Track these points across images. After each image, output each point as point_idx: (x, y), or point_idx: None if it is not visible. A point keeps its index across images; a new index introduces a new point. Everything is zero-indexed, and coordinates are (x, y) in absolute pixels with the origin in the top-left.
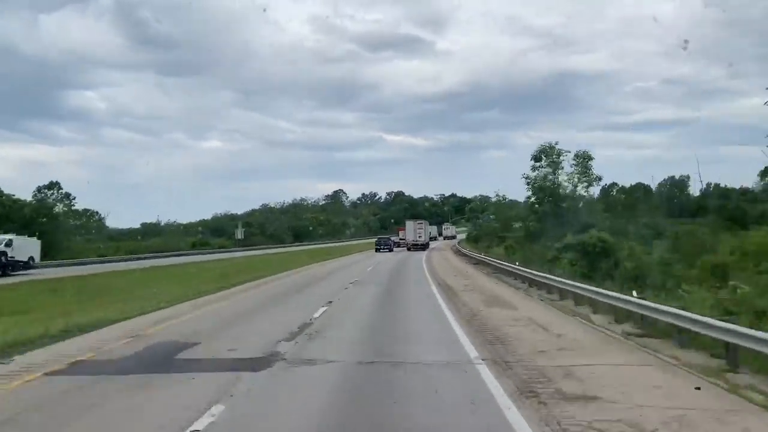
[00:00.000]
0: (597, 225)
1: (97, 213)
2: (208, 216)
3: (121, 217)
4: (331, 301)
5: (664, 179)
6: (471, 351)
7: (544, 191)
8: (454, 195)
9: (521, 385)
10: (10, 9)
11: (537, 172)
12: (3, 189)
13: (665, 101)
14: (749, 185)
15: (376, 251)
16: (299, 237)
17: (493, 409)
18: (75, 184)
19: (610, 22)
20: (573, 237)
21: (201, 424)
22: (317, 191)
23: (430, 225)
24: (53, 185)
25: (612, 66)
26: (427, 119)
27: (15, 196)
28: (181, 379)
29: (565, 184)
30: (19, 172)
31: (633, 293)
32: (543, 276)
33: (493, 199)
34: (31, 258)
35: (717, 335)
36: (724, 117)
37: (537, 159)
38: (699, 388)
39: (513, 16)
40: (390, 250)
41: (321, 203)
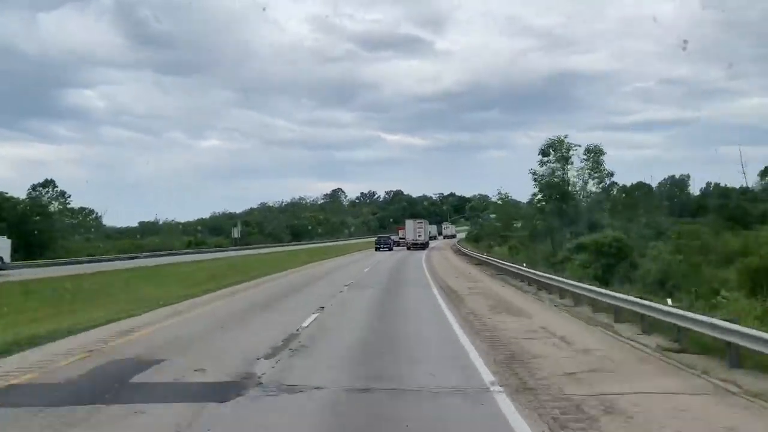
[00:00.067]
0: (607, 225)
1: (94, 211)
2: (206, 215)
3: (120, 216)
4: (323, 307)
5: (664, 179)
6: (485, 373)
7: (552, 188)
8: (453, 194)
9: (553, 426)
10: (8, 7)
11: (545, 167)
12: None
13: (665, 101)
14: (746, 184)
15: (375, 250)
16: (298, 236)
17: None
18: (74, 182)
19: (610, 22)
20: (586, 237)
21: None
22: (316, 190)
23: (429, 224)
24: (48, 183)
25: (612, 66)
26: (427, 119)
27: (8, 194)
28: (126, 415)
29: (575, 180)
30: (18, 171)
31: (668, 301)
32: (557, 280)
33: (494, 199)
34: (0, 258)
35: None
36: (723, 117)
37: (545, 153)
38: None
39: (513, 16)
40: (390, 249)
41: (320, 202)
